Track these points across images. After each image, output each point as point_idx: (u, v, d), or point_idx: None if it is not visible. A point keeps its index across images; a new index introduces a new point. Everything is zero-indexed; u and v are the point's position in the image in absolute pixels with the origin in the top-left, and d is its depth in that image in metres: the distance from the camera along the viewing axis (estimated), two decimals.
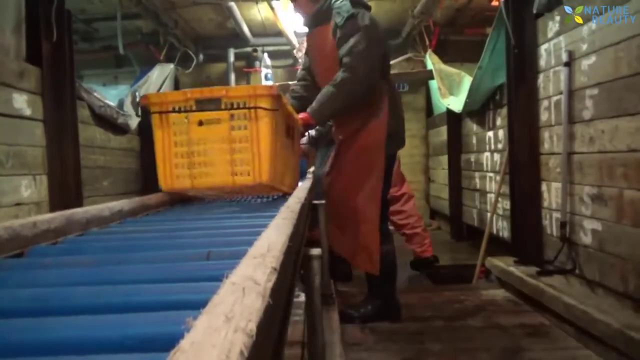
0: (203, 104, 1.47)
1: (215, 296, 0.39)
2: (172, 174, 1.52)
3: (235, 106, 1.47)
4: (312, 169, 3.03)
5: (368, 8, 2.25)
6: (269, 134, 1.48)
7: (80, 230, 1.05)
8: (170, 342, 0.31)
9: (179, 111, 1.49)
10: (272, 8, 4.27)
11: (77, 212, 1.07)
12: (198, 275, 0.65)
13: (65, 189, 2.46)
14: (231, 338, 0.30)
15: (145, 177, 4.03)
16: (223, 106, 1.47)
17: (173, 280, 0.64)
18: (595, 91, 2.16)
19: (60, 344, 0.45)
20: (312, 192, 2.13)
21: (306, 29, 2.42)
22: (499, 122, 3.47)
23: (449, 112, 4.48)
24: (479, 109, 3.78)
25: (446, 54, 5.06)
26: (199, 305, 0.38)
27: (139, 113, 3.85)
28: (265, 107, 1.46)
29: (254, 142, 1.48)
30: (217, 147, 1.51)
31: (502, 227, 3.42)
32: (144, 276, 0.66)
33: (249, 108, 1.46)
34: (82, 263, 0.76)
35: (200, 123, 1.48)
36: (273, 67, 5.60)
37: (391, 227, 3.17)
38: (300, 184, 1.98)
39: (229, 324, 0.33)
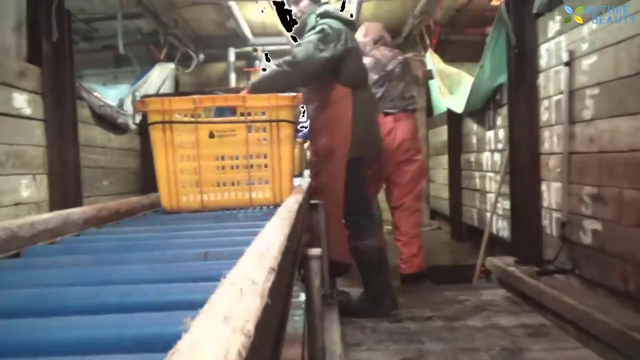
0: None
1: (213, 296, 0.39)
2: (177, 193, 1.39)
3: (253, 116, 1.34)
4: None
5: (338, 19, 2.38)
6: (291, 149, 1.38)
7: (77, 230, 1.05)
8: (167, 342, 0.31)
9: (186, 122, 1.33)
10: (272, 8, 4.28)
11: (75, 212, 1.07)
12: (196, 276, 0.65)
13: (65, 189, 2.46)
14: (229, 338, 0.30)
15: (145, 177, 4.03)
16: (239, 116, 1.34)
17: (170, 280, 0.63)
18: (595, 91, 2.16)
19: (57, 344, 0.45)
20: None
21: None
22: (499, 122, 3.46)
23: (449, 112, 4.48)
24: (479, 109, 3.78)
25: (446, 54, 5.05)
26: (196, 305, 0.38)
27: (136, 121, 3.85)
28: (287, 120, 1.35)
29: (275, 158, 1.36)
30: (231, 162, 1.39)
31: (502, 227, 3.41)
32: (142, 276, 0.65)
33: (271, 121, 1.34)
34: (79, 263, 0.76)
35: (212, 135, 1.35)
36: None
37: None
38: (297, 183, 1.97)
39: (226, 324, 0.32)
